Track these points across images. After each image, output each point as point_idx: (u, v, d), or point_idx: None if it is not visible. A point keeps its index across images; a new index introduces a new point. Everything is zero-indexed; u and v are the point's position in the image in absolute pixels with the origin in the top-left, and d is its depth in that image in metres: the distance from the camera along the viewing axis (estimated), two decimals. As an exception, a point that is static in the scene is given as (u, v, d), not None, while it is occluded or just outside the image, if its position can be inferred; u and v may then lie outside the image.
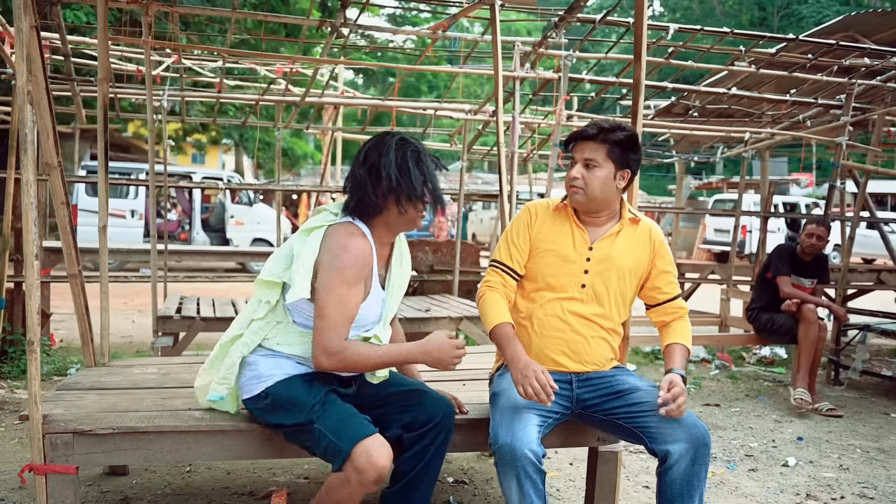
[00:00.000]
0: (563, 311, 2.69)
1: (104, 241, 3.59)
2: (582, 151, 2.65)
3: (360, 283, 2.42)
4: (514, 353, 2.53)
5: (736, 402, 5.67)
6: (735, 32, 5.74)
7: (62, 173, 2.96)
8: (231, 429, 2.58)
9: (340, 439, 2.32)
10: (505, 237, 2.79)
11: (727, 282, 7.83)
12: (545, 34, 5.42)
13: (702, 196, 24.12)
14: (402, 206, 2.47)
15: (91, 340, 3.43)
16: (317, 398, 2.44)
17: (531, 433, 2.42)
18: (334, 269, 2.37)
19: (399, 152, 2.47)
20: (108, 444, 2.49)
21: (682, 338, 2.75)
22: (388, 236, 2.59)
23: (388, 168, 2.44)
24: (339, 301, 2.36)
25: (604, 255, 2.71)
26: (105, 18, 3.58)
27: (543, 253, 2.72)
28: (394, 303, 2.65)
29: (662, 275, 2.78)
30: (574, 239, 2.72)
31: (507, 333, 2.60)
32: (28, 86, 2.32)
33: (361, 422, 2.38)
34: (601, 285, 2.70)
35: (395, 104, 6.68)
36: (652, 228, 2.81)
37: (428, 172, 2.49)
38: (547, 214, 2.77)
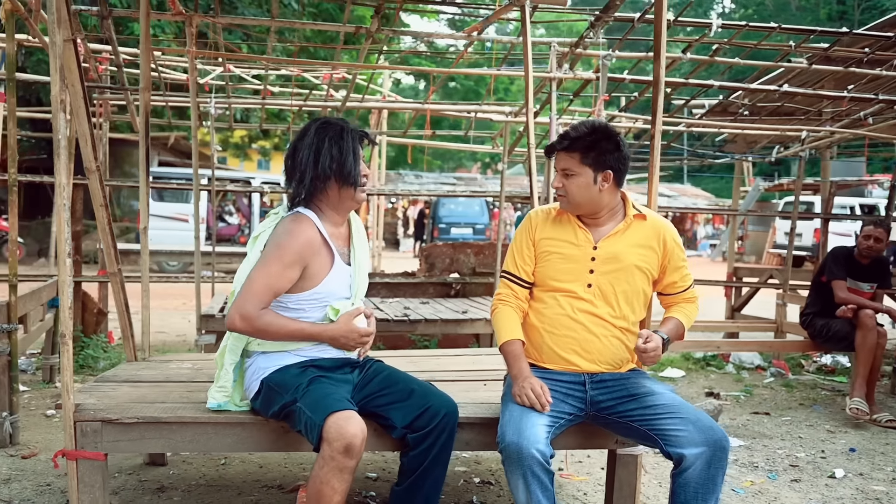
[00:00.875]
0: (573, 310, 2.70)
1: (145, 243, 3.75)
2: (559, 161, 2.71)
3: (297, 265, 2.55)
4: (518, 370, 2.64)
5: (788, 411, 5.50)
6: (783, 28, 5.60)
7: (101, 177, 3.12)
8: (249, 421, 2.68)
9: (315, 412, 2.39)
10: (511, 248, 2.86)
11: (783, 286, 7.58)
12: (583, 34, 5.40)
13: (773, 199, 23.44)
14: (331, 186, 2.61)
15: (131, 336, 3.59)
16: (304, 379, 2.53)
17: (538, 433, 2.44)
18: (275, 246, 2.54)
19: (316, 136, 2.60)
20: (133, 432, 2.61)
21: (681, 314, 2.82)
22: (338, 216, 2.71)
23: (305, 152, 2.59)
24: (269, 274, 2.51)
25: (609, 253, 2.71)
26: (147, 31, 3.74)
27: (548, 256, 2.75)
28: (361, 277, 2.75)
29: (677, 271, 2.80)
30: (577, 239, 2.74)
31: (514, 351, 2.69)
32: (63, 95, 2.46)
33: (339, 398, 2.45)
34: (608, 284, 2.70)
35: (431, 107, 6.75)
36: (661, 225, 2.79)
37: (344, 151, 2.60)
38: (548, 219, 2.81)
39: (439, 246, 7.73)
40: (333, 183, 2.60)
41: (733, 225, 9.34)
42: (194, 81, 4.61)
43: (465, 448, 2.88)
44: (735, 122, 7.64)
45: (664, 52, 3.02)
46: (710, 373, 6.83)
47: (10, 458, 3.81)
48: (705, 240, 30.77)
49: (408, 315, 5.58)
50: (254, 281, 2.51)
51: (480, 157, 34.65)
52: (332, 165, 2.58)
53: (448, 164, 40.98)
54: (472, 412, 2.84)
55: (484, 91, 28.29)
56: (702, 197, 31.46)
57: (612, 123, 8.22)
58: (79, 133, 2.96)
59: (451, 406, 2.67)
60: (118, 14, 4.48)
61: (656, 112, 2.99)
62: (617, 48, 5.79)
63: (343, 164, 2.59)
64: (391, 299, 6.68)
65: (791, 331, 6.91)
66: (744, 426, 5.04)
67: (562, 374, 2.71)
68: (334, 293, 2.64)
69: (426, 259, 7.42)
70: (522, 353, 2.69)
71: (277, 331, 2.54)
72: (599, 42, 5.37)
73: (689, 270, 2.85)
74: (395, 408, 2.63)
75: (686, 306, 2.85)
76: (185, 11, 4.46)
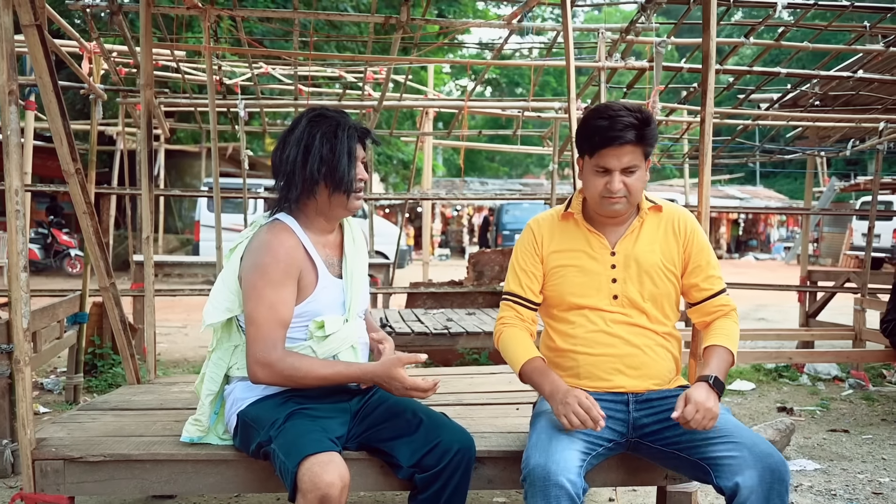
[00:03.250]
0: (605, 323, 2.29)
1: (149, 253, 3.47)
2: (619, 158, 2.21)
3: (289, 281, 2.18)
4: (552, 385, 2.19)
5: (869, 427, 4.98)
6: (856, 6, 5.02)
7: (82, 181, 2.81)
8: (233, 458, 2.32)
9: (288, 456, 2.01)
10: (512, 265, 2.43)
11: (862, 290, 6.97)
12: (633, 19, 4.93)
13: (850, 199, 22.44)
14: (320, 190, 2.24)
15: (131, 357, 3.29)
16: (281, 415, 2.15)
17: (570, 459, 2.03)
18: (256, 270, 2.17)
19: (307, 130, 2.22)
20: (100, 472, 2.28)
21: (724, 338, 2.30)
22: (327, 223, 2.34)
23: (293, 149, 2.21)
24: (269, 306, 2.14)
25: (629, 256, 2.31)
26: (148, 23, 3.48)
27: (561, 272, 2.34)
28: (357, 290, 2.36)
29: (698, 269, 2.35)
30: (591, 247, 2.33)
31: (538, 367, 2.26)
32: (11, 85, 2.16)
33: (317, 438, 2.06)
34: (634, 291, 2.30)
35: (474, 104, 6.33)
36: (680, 215, 2.37)
37: (337, 151, 2.21)
38: (553, 227, 2.40)
39: (487, 252, 7.32)
40: (323, 187, 2.24)
41: (806, 226, 8.66)
42: (211, 80, 4.33)
43: (488, 486, 2.49)
44: (805, 114, 7.01)
45: (713, 22, 2.56)
46: (782, 385, 6.34)
47: (9, 490, 3.53)
48: (779, 242, 29.71)
49: (448, 328, 5.19)
50: (255, 321, 2.15)
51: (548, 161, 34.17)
52: (321, 167, 2.21)
53: (516, 170, 40.62)
54: (497, 444, 2.46)
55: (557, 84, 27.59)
56: (775, 198, 30.55)
57: (670, 118, 7.76)
58: (52, 132, 2.66)
59: (466, 441, 2.26)
60: (129, 9, 4.22)
61: (706, 93, 2.53)
62: (673, 34, 5.28)
63: (335, 167, 2.22)
64: (435, 310, 6.29)
65: (871, 338, 6.42)
66: (819, 446, 4.57)
67: (603, 394, 2.29)
68: (323, 311, 2.27)
69: (474, 267, 7.01)
70: (547, 366, 2.26)
71: (307, 374, 2.16)
72: (653, 27, 4.89)
73: (718, 272, 2.38)
74: (401, 443, 2.25)
75: (724, 325, 2.35)
76: (200, 5, 4.19)
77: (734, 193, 30.58)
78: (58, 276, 14.97)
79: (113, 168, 8.42)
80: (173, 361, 6.86)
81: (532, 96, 6.66)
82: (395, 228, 15.49)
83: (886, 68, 6.47)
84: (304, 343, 2.27)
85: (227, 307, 2.28)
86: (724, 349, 2.26)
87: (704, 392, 2.10)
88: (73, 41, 5.06)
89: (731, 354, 2.27)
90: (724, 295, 2.37)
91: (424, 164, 9.48)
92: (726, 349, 2.27)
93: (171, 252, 17.35)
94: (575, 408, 2.06)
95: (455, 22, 4.99)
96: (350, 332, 2.33)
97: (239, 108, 5.26)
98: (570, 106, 3.67)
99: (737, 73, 5.85)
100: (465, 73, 7.49)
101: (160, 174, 13.15)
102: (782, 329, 7.75)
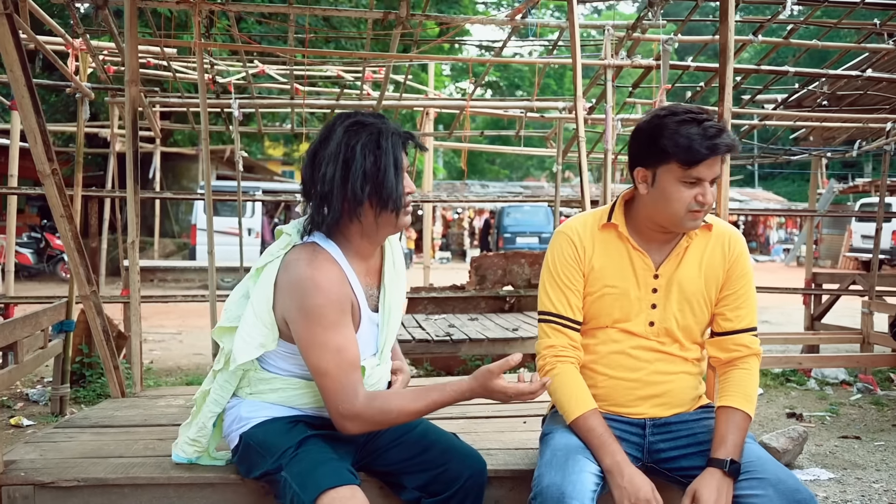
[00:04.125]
0: (632, 345, 2.10)
1: (134, 259, 3.29)
2: (711, 168, 1.97)
3: (346, 318, 1.93)
4: (613, 461, 1.93)
5: (880, 433, 4.87)
6: (866, 3, 4.86)
7: (59, 182, 2.64)
8: (221, 481, 2.15)
9: (304, 489, 1.81)
10: (552, 279, 2.15)
11: (869, 293, 6.84)
12: (640, 16, 4.77)
13: (848, 201, 22.36)
14: (364, 211, 1.95)
15: (115, 368, 3.11)
16: (292, 441, 1.95)
17: (586, 483, 1.86)
18: (310, 316, 1.89)
19: (345, 141, 1.93)
20: (74, 498, 2.11)
21: (741, 399, 2.04)
22: (370, 246, 2.06)
23: (330, 166, 1.92)
24: (336, 351, 1.89)
25: (672, 281, 2.10)
26: (134, 16, 3.31)
27: (602, 293, 2.11)
28: (391, 327, 2.13)
29: (730, 297, 2.12)
30: (635, 268, 2.11)
31: (597, 427, 1.99)
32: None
33: (335, 468, 1.86)
34: (671, 319, 2.10)
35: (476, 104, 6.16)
36: (731, 236, 2.14)
37: (383, 164, 1.92)
38: (595, 240, 2.14)
39: (490, 256, 7.11)
40: (368, 207, 1.95)
41: (809, 227, 8.51)
42: (202, 78, 4.15)
43: (496, 509, 2.29)
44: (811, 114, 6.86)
45: (732, 12, 2.39)
46: (790, 389, 6.23)
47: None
48: (778, 244, 29.61)
49: (451, 335, 5.01)
50: (325, 373, 1.90)
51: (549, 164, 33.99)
52: (366, 185, 1.92)
53: (516, 173, 40.46)
54: (504, 461, 2.29)
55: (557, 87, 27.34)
56: (774, 201, 30.56)
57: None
58: (25, 129, 2.48)
59: (477, 465, 2.08)
60: (115, 3, 4.04)
61: (724, 87, 2.37)
62: (680, 31, 5.12)
63: (382, 183, 1.93)
64: (437, 316, 6.11)
65: (879, 342, 6.36)
66: (832, 454, 4.46)
67: (618, 416, 2.12)
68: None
69: (476, 271, 6.80)
70: (609, 430, 2.00)
71: (400, 414, 1.92)
72: (660, 25, 4.73)
73: (752, 306, 2.13)
74: (406, 466, 2.08)
75: (742, 379, 2.09)
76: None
77: (733, 196, 30.54)
78: (51, 280, 14.77)
79: (107, 171, 8.27)
80: (166, 370, 6.69)
81: (535, 96, 6.49)
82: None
83: (894, 67, 6.33)
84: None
85: (261, 342, 2.01)
86: (741, 414, 2.01)
87: (715, 487, 1.89)
88: (59, 38, 4.89)
89: (749, 418, 2.02)
90: (751, 334, 2.12)
91: (425, 166, 9.31)
92: (744, 413, 2.02)
93: (168, 256, 17.18)
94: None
95: (456, 18, 4.82)
96: (381, 376, 2.13)
97: (233, 107, 5.09)
98: (576, 105, 3.52)
99: (745, 73, 5.70)
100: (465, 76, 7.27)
101: (156, 177, 12.95)
102: (789, 333, 7.61)
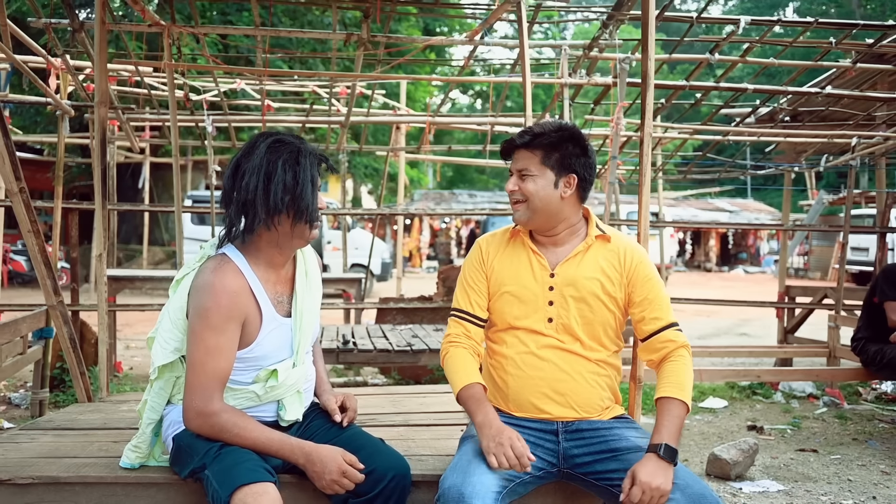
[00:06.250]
0: (537, 346, 2.28)
1: (101, 269, 3.46)
2: (516, 161, 2.33)
3: (230, 325, 2.11)
4: (485, 418, 2.15)
5: (839, 447, 4.93)
6: (821, 22, 5.05)
7: (27, 199, 2.81)
8: (165, 481, 2.30)
9: (222, 485, 1.97)
10: (461, 281, 2.44)
11: (836, 307, 6.93)
12: (596, 36, 4.95)
13: (840, 212, 22.44)
14: (282, 221, 2.16)
15: (81, 375, 3.28)
16: (216, 442, 2.11)
17: (487, 484, 2.00)
18: (198, 314, 2.10)
19: (267, 157, 2.13)
20: (29, 495, 2.26)
21: (674, 388, 2.21)
22: (280, 256, 2.26)
23: (253, 178, 2.11)
24: (206, 351, 2.08)
25: (568, 280, 2.30)
26: (103, 40, 3.47)
27: (503, 293, 2.35)
28: (307, 330, 2.31)
29: (643, 303, 2.31)
30: (532, 268, 2.34)
31: (476, 395, 2.23)
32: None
33: (252, 467, 2.02)
34: (569, 316, 2.28)
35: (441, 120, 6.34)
36: (626, 247, 2.35)
37: (301, 180, 2.14)
38: (500, 246, 2.41)
39: (457, 268, 7.28)
40: (285, 217, 2.15)
41: (784, 241, 8.65)
42: (173, 96, 4.33)
43: (419, 513, 2.43)
44: (775, 130, 7.04)
45: (651, 44, 2.58)
46: (755, 402, 6.29)
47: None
48: (769, 255, 29.69)
49: (412, 345, 5.18)
50: (194, 367, 2.08)
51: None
52: (285, 196, 2.12)
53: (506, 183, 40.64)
54: (433, 467, 2.43)
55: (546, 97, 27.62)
56: (765, 211, 30.57)
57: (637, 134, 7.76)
58: (-8, 151, 2.66)
59: (401, 468, 2.22)
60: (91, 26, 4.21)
61: (645, 113, 2.55)
62: (636, 51, 5.30)
63: (300, 196, 2.14)
64: (403, 326, 6.27)
65: (845, 356, 6.36)
66: (786, 466, 4.53)
67: (531, 421, 2.28)
68: (269, 355, 2.21)
69: (444, 282, 6.95)
70: (486, 398, 2.24)
71: (239, 434, 2.08)
72: (616, 44, 4.91)
73: (666, 306, 2.32)
74: None
75: (674, 370, 2.25)
76: (161, 22, 4.19)
77: (724, 206, 30.64)
78: (43, 288, 14.89)
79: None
80: (144, 376, 6.82)
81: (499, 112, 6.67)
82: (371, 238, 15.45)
83: (858, 84, 6.49)
84: (249, 387, 2.22)
85: (176, 347, 2.22)
86: (676, 402, 2.17)
87: (652, 468, 2.01)
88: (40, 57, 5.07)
89: (685, 405, 2.18)
90: (673, 329, 2.30)
91: (399, 178, 9.52)
92: (678, 401, 2.17)
93: (157, 264, 17.32)
94: (507, 449, 2.03)
95: (416, 39, 5.01)
96: (298, 377, 2.30)
97: (206, 123, 5.26)
98: (526, 122, 3.69)
99: (703, 89, 5.87)
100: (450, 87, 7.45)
101: (145, 186, 13.17)
102: (755, 346, 7.68)
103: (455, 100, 37.82)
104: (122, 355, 7.27)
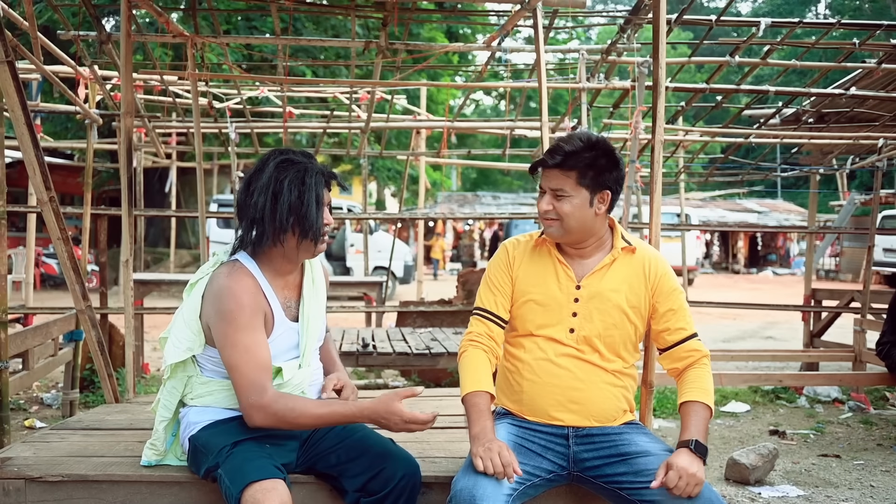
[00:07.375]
0: (555, 354, 2.31)
1: (128, 275, 3.56)
2: (548, 180, 2.30)
3: (256, 320, 2.22)
4: (482, 429, 2.19)
5: (863, 453, 4.89)
6: (843, 23, 5.03)
7: (56, 208, 2.91)
8: (187, 479, 2.38)
9: (233, 482, 2.06)
10: (485, 281, 2.46)
11: (863, 311, 6.85)
12: (614, 40, 4.97)
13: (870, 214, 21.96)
14: (288, 238, 2.26)
15: (109, 376, 3.38)
16: (228, 441, 2.21)
17: (498, 486, 2.05)
18: (224, 319, 2.18)
19: (275, 176, 2.23)
20: (59, 492, 2.36)
21: (699, 392, 2.27)
22: (289, 265, 2.37)
23: (262, 197, 2.22)
24: (244, 350, 2.16)
25: (593, 292, 2.32)
26: (129, 53, 3.57)
27: (527, 301, 2.37)
28: (313, 334, 2.40)
29: (668, 314, 2.35)
30: (559, 279, 2.35)
31: (480, 405, 2.26)
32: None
33: (262, 464, 2.11)
34: (592, 328, 2.31)
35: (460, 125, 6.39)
36: (650, 259, 2.38)
37: (306, 199, 2.22)
38: (526, 253, 2.43)
39: (476, 272, 7.33)
40: (291, 235, 2.26)
41: (810, 244, 8.57)
42: (197, 104, 4.44)
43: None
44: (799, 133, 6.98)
45: (662, 52, 2.60)
46: (778, 407, 6.25)
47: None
48: (799, 257, 29.21)
49: (430, 348, 5.23)
50: (236, 369, 2.17)
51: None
52: (290, 216, 2.22)
53: (530, 184, 40.63)
54: (446, 469, 2.48)
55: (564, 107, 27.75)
56: (795, 212, 30.13)
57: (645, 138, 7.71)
58: (25, 162, 2.76)
59: (411, 467, 2.30)
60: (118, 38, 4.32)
61: (657, 118, 2.58)
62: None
63: (305, 216, 2.23)
64: (422, 329, 6.33)
65: (871, 360, 6.25)
66: (807, 472, 4.50)
67: (542, 425, 2.32)
68: (276, 357, 2.30)
69: (463, 286, 7.00)
70: (489, 409, 2.26)
71: (301, 414, 2.18)
72: (634, 48, 4.92)
73: (688, 317, 2.37)
74: (347, 468, 2.30)
75: (698, 376, 2.32)
76: (185, 33, 4.29)
77: (752, 207, 30.28)
78: (74, 291, 15.18)
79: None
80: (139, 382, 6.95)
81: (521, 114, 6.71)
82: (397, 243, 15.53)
83: (884, 84, 6.41)
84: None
85: (188, 346, 2.30)
86: (701, 405, 2.24)
87: (687, 458, 2.08)
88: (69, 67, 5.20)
89: (709, 409, 2.25)
90: (695, 340, 2.35)
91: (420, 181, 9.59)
92: (703, 405, 2.24)
93: (185, 267, 17.57)
94: (493, 457, 2.06)
95: (434, 46, 5.07)
96: (303, 378, 2.38)
97: (230, 130, 5.37)
98: (542, 128, 3.73)
99: (724, 92, 5.86)
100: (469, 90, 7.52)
101: (172, 191, 13.37)
102: (778, 350, 7.62)
103: (479, 101, 37.91)
104: (149, 357, 7.40)
